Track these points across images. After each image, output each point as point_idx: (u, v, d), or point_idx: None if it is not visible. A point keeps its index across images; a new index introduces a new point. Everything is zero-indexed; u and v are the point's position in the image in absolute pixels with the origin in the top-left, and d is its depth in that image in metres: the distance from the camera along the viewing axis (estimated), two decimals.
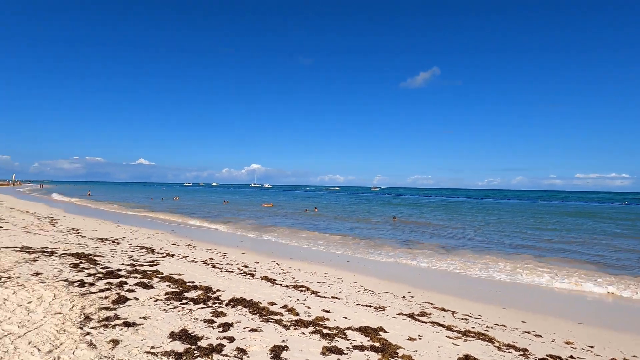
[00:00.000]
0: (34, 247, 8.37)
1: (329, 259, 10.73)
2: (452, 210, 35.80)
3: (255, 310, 4.90)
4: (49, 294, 4.83)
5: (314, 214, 27.68)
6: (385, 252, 12.30)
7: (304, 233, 16.33)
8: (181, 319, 4.30)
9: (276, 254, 11.08)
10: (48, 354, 3.14)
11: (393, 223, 21.88)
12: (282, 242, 13.57)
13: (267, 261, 9.51)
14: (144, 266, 7.23)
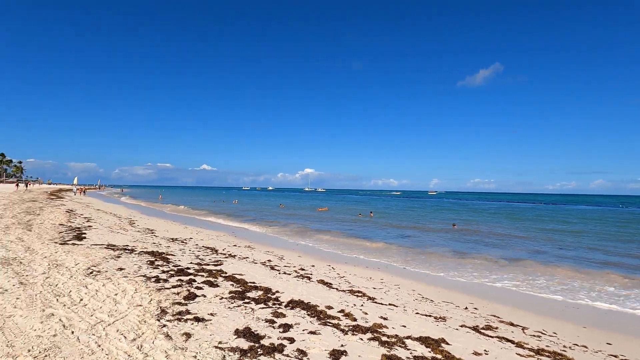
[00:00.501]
0: (117, 245, 9.39)
1: (384, 265, 10.54)
2: (517, 217, 33.10)
3: (313, 313, 4.99)
4: (131, 288, 5.39)
5: (369, 219, 27.40)
6: (443, 261, 11.76)
7: (358, 239, 16.25)
8: (244, 318, 4.53)
9: (331, 258, 11.17)
10: (132, 342, 3.51)
11: (453, 230, 20.83)
12: (337, 247, 13.63)
13: (323, 265, 9.62)
14: (209, 265, 7.73)
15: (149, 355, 3.24)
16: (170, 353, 3.32)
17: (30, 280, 5.47)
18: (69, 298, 4.74)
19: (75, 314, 4.17)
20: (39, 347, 3.27)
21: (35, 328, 3.70)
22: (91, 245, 9.00)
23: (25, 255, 7.23)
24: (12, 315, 4.01)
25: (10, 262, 6.50)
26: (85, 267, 6.55)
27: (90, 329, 3.75)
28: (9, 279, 5.42)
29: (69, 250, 8.02)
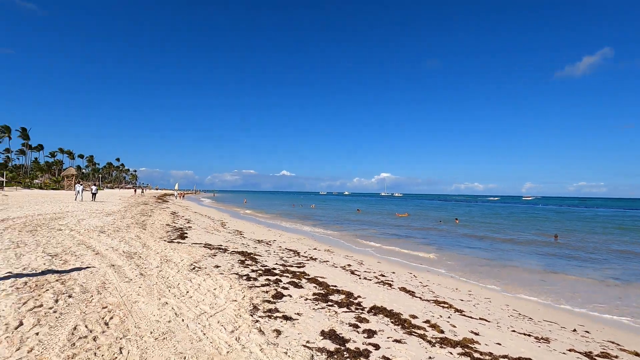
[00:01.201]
0: (213, 244, 10.43)
1: (472, 275, 9.81)
2: (633, 228, 27.85)
3: (397, 321, 4.88)
4: (226, 284, 5.94)
5: (454, 225, 25.79)
6: (543, 277, 10.49)
7: (441, 247, 15.42)
8: (328, 320, 4.64)
9: (411, 265, 10.80)
10: (231, 333, 3.86)
11: (555, 242, 18.40)
12: (419, 254, 13.12)
13: (404, 272, 9.35)
14: (292, 267, 8.11)
15: (245, 347, 3.53)
16: (264, 347, 3.57)
17: (147, 272, 6.40)
18: (178, 290, 5.42)
19: (183, 304, 4.75)
20: (158, 330, 3.80)
21: (154, 314, 4.31)
22: (192, 244, 10.15)
23: (142, 250, 8.48)
24: (137, 301, 4.74)
25: (132, 256, 7.68)
26: (189, 263, 7.42)
27: (196, 318, 4.24)
28: (132, 270, 6.42)
29: (175, 248, 9.16)
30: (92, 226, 12.54)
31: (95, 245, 8.68)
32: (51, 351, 3.15)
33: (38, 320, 3.81)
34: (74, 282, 5.38)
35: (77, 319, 3.95)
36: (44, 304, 4.33)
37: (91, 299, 4.67)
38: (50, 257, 7.10)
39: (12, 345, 3.22)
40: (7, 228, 10.89)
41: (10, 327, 3.60)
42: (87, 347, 3.27)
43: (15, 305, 4.24)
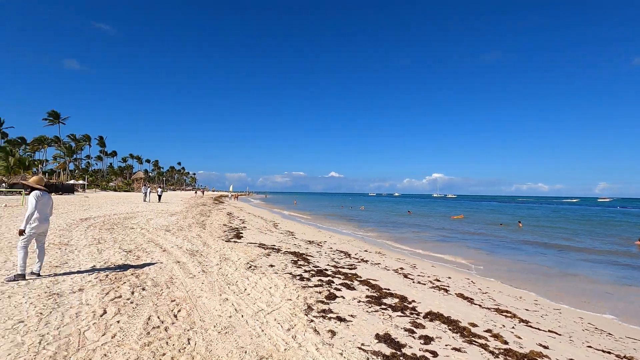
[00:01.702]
0: (266, 244, 10.81)
1: (537, 284, 9.06)
2: None
3: (455, 328, 4.68)
4: (281, 283, 6.12)
5: (516, 229, 24.05)
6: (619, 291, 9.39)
7: (500, 251, 14.47)
8: (383, 323, 4.58)
9: (468, 270, 10.26)
10: (288, 331, 3.98)
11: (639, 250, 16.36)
12: (475, 259, 12.43)
13: (460, 277, 8.92)
14: (344, 269, 8.13)
15: (302, 346, 3.61)
16: (320, 347, 3.62)
17: (208, 269, 6.82)
18: (237, 287, 5.70)
19: (242, 301, 4.99)
20: (220, 325, 4.04)
21: (216, 308, 4.59)
22: (247, 244, 10.61)
23: (203, 248, 9.05)
24: (200, 296, 5.08)
25: (195, 254, 8.23)
26: (245, 261, 7.77)
27: (254, 315, 4.43)
28: (195, 267, 6.88)
29: (232, 247, 9.65)
30: (159, 225, 13.65)
31: (162, 243, 9.44)
32: (130, 338, 3.50)
33: (118, 310, 4.25)
34: (146, 276, 5.90)
35: (150, 310, 4.33)
36: (122, 295, 4.81)
37: (161, 292, 5.10)
38: (126, 252, 7.86)
39: (99, 330, 3.63)
40: (90, 226, 12.26)
41: (97, 314, 4.06)
42: (160, 337, 3.57)
43: (99, 295, 4.77)
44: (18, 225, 11.38)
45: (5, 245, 7.98)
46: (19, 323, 3.69)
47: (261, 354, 3.36)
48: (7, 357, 2.99)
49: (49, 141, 77.80)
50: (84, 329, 3.63)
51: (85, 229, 11.49)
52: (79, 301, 4.48)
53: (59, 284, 5.17)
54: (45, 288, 4.95)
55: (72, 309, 4.19)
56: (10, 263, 6.35)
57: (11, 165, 45.40)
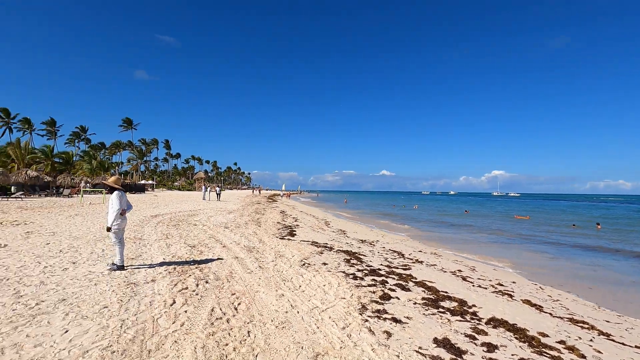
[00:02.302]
0: (319, 242, 10.94)
1: (618, 294, 8.08)
2: None
3: (522, 337, 4.34)
4: (335, 281, 6.16)
5: (594, 232, 21.69)
6: None
7: (577, 257, 13.12)
8: (441, 327, 4.40)
9: (535, 275, 9.44)
10: (342, 330, 3.99)
11: None
12: (544, 263, 11.42)
13: (526, 283, 8.26)
14: (398, 269, 7.95)
15: (357, 345, 3.60)
16: (375, 347, 3.58)
17: (264, 265, 7.08)
18: (292, 283, 5.85)
19: (297, 297, 5.11)
20: (277, 319, 4.17)
21: (272, 304, 4.75)
22: (300, 241, 10.84)
23: (259, 245, 9.42)
24: (258, 291, 5.29)
25: (251, 250, 8.60)
26: (299, 259, 7.94)
27: (309, 312, 4.51)
28: (252, 263, 7.19)
29: (286, 244, 9.92)
30: (218, 222, 14.49)
31: (222, 239, 10.00)
32: (196, 327, 3.75)
33: (186, 300, 4.58)
34: (209, 270, 6.29)
35: (213, 302, 4.61)
36: (189, 287, 5.18)
37: (222, 286, 5.40)
38: (190, 247, 8.46)
39: (170, 319, 3.95)
40: (159, 222, 13.38)
41: (167, 303, 4.42)
42: (223, 328, 3.79)
43: (168, 286, 5.19)
44: (101, 221, 12.80)
45: (91, 239, 9.01)
46: (104, 308, 4.15)
47: (317, 351, 3.41)
48: (96, 337, 3.37)
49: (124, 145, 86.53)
50: (157, 317, 3.97)
51: (155, 225, 12.57)
52: (152, 291, 4.92)
53: (134, 275, 5.72)
54: (124, 278, 5.51)
55: (147, 297, 4.62)
56: (95, 254, 7.17)
57: (94, 168, 51.21)
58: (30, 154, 43.67)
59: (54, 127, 71.31)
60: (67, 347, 3.15)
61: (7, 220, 12.03)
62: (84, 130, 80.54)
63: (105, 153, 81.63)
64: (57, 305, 4.16)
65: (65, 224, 11.68)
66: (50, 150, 46.81)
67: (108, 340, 3.31)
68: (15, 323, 3.61)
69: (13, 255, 6.82)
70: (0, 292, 4.56)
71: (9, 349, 3.07)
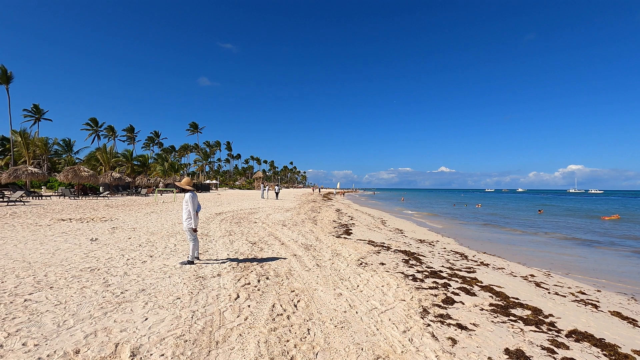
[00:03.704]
0: (376, 242, 10.77)
1: None
2: None
3: (612, 354, 3.82)
4: (393, 282, 6.01)
5: None
6: None
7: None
8: (513, 337, 4.05)
9: (621, 280, 8.28)
10: (404, 333, 3.86)
11: None
12: (632, 267, 9.99)
13: (612, 292, 7.29)
14: (461, 271, 7.51)
15: (420, 351, 3.46)
16: (439, 354, 3.41)
17: (322, 263, 7.15)
18: (349, 283, 5.83)
19: (355, 297, 5.07)
20: (336, 319, 4.17)
21: (331, 302, 4.76)
22: (357, 240, 10.77)
23: (316, 243, 9.54)
24: (316, 289, 5.35)
25: (309, 248, 8.75)
26: (356, 258, 7.88)
27: (368, 313, 4.45)
28: (310, 260, 7.30)
29: (342, 243, 9.92)
30: (276, 220, 14.98)
31: (280, 237, 10.31)
32: (259, 322, 3.90)
33: (248, 295, 4.79)
34: (269, 267, 6.52)
35: (274, 298, 4.76)
36: (251, 282, 5.41)
37: (282, 282, 5.55)
38: (251, 244, 8.85)
39: (234, 312, 4.15)
40: (222, 220, 14.22)
41: (232, 297, 4.66)
42: (284, 324, 3.88)
43: (233, 280, 5.47)
44: (173, 218, 13.97)
45: (165, 234, 9.87)
46: (177, 299, 4.50)
47: (377, 353, 3.34)
48: (171, 325, 3.67)
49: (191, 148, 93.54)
50: (223, 310, 4.20)
51: (219, 222, 13.39)
52: (218, 285, 5.22)
53: (202, 269, 6.13)
54: (193, 271, 5.93)
55: (213, 291, 4.91)
56: (168, 249, 7.82)
57: (166, 169, 56.19)
58: (114, 157, 49.24)
59: (132, 133, 79.57)
60: (146, 333, 3.47)
61: (97, 217, 13.68)
62: (157, 135, 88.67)
63: (175, 155, 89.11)
64: (138, 295, 4.61)
65: (144, 221, 12.94)
66: (130, 154, 52.37)
67: (181, 329, 3.58)
68: (105, 309, 4.06)
69: (102, 248, 7.72)
70: (93, 281, 5.18)
71: (101, 332, 3.46)
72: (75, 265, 6.11)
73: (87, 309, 4.03)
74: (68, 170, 29.09)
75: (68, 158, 51.04)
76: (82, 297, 4.46)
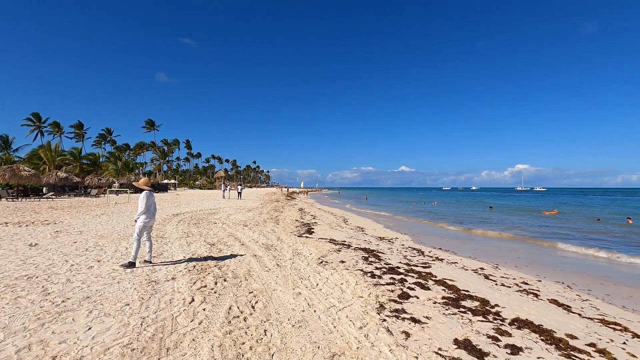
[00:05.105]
0: (337, 240, 10.89)
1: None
2: None
3: (548, 339, 4.15)
4: (352, 280, 6.10)
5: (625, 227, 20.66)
6: None
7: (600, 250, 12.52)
8: (462, 328, 4.27)
9: (562, 272, 9.06)
10: (360, 330, 3.93)
11: None
12: (569, 259, 10.95)
13: (552, 281, 7.93)
14: (417, 267, 7.80)
15: (375, 346, 3.54)
16: (393, 348, 3.51)
17: (282, 263, 7.10)
18: (309, 282, 5.84)
19: (314, 295, 5.09)
20: (294, 318, 4.16)
21: (290, 302, 4.74)
22: (318, 239, 10.82)
23: (277, 243, 9.47)
24: (275, 289, 5.30)
25: (269, 248, 8.65)
26: (317, 257, 7.92)
27: (326, 311, 4.48)
28: (270, 261, 7.22)
29: (304, 242, 9.92)
30: (237, 220, 14.68)
31: (241, 237, 10.11)
32: (214, 325, 3.79)
33: (204, 298, 4.64)
34: (227, 268, 6.37)
35: (231, 300, 4.65)
36: (207, 285, 5.25)
37: (240, 284, 5.45)
38: (209, 245, 8.59)
39: (188, 316, 4.00)
40: (180, 221, 13.68)
41: (186, 301, 4.49)
42: (240, 326, 3.81)
43: (188, 284, 5.27)
44: (125, 220, 13.22)
45: (116, 237, 9.30)
46: (125, 305, 4.26)
47: (333, 351, 3.37)
48: (117, 334, 3.46)
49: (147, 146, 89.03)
50: (176, 315, 4.03)
51: (176, 223, 12.87)
52: (172, 289, 5.01)
53: (155, 273, 5.85)
54: (145, 275, 5.64)
55: (167, 295, 4.71)
56: (119, 252, 7.39)
57: (119, 168, 53.02)
58: (60, 156, 45.63)
59: (81, 130, 74.21)
60: (89, 344, 3.25)
61: (39, 220, 12.60)
62: (109, 132, 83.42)
63: (129, 154, 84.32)
64: (81, 303, 4.30)
65: (92, 223, 12.12)
66: (79, 152, 48.77)
67: (129, 337, 3.39)
68: (42, 320, 3.75)
69: (43, 253, 7.12)
70: (30, 290, 4.76)
71: (36, 345, 3.19)
72: (9, 273, 5.57)
73: (21, 321, 3.70)
74: (5, 170, 26.53)
75: (5, 156, 46.55)
76: (15, 308, 4.08)
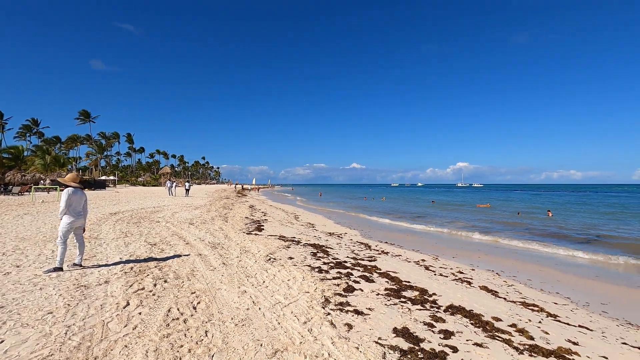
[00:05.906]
0: (287, 236, 10.87)
1: (566, 276, 8.65)
2: None
3: (477, 322, 4.52)
4: (300, 275, 6.13)
5: (545, 219, 23.09)
6: None
7: (527, 241, 13.91)
8: (401, 317, 4.50)
9: (494, 261, 9.92)
10: (304, 324, 3.96)
11: None
12: (501, 249, 12.02)
13: (485, 269, 8.64)
14: (364, 260, 8.05)
15: (317, 339, 3.59)
16: (335, 340, 3.59)
17: (229, 261, 6.92)
18: (255, 279, 5.76)
19: (260, 293, 5.03)
20: (238, 317, 4.08)
21: (234, 301, 4.64)
22: (268, 236, 10.71)
23: (224, 241, 9.21)
24: (219, 288, 5.16)
25: (216, 246, 8.39)
26: (265, 254, 7.84)
27: (271, 308, 4.45)
28: (216, 259, 7.01)
29: (253, 240, 9.77)
30: (183, 219, 14.02)
31: (186, 236, 9.68)
32: (150, 329, 3.59)
33: (141, 302, 4.37)
34: (169, 269, 6.06)
35: (171, 302, 4.44)
36: (145, 287, 4.96)
37: (182, 285, 5.22)
38: (150, 245, 8.11)
39: (121, 322, 3.75)
40: (118, 220, 12.74)
41: (120, 306, 4.19)
42: (179, 329, 3.65)
43: (123, 287, 4.93)
44: (53, 220, 12.01)
45: (41, 239, 8.42)
46: (48, 314, 3.87)
47: (276, 347, 3.36)
48: (35, 346, 3.13)
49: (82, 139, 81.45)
50: (108, 320, 3.76)
51: (114, 223, 11.96)
52: (104, 293, 4.65)
53: (86, 277, 5.39)
54: (74, 280, 5.18)
55: (98, 300, 4.36)
56: (43, 256, 6.69)
57: (47, 163, 47.94)
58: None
59: (0, 120, 65.89)
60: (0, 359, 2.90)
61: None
62: (35, 123, 75.08)
63: (60, 148, 76.59)
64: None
65: (12, 225, 10.84)
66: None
67: (49, 349, 3.09)
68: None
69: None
70: None
71: None
72: None
73: None
74: None
75: None
76: None
